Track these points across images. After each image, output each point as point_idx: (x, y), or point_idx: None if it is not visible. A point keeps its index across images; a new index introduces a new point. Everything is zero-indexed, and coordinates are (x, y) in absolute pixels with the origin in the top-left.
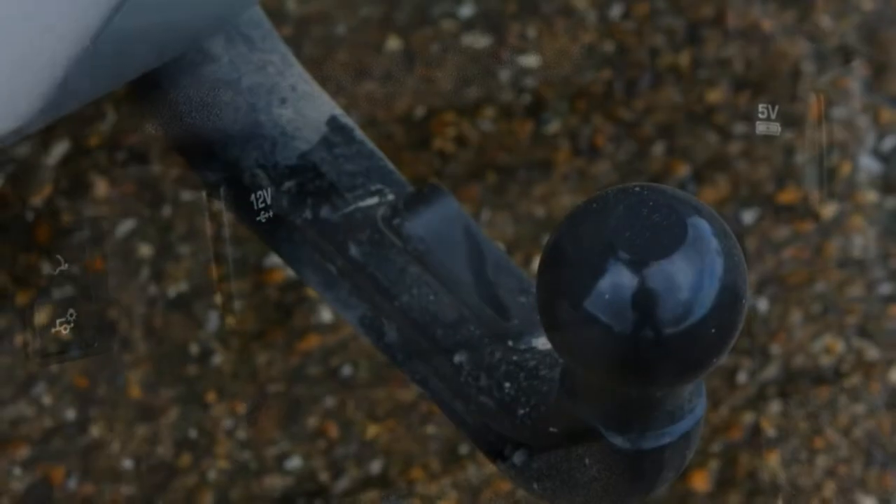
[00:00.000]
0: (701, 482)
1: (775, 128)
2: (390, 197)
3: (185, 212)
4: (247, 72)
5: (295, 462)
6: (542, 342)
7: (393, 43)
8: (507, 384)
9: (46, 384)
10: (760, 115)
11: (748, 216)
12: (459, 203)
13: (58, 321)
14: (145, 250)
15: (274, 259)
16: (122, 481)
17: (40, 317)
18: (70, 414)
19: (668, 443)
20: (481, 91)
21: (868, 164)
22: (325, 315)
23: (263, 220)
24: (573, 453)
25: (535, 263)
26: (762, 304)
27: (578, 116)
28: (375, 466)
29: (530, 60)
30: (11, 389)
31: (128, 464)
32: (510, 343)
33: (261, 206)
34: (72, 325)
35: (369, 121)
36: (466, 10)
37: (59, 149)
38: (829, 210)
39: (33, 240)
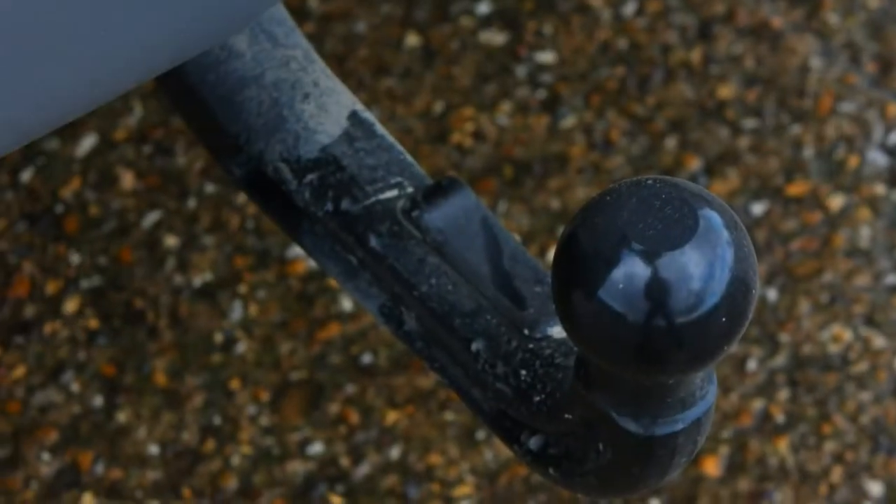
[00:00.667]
0: (712, 467)
1: None
2: (409, 189)
3: (209, 204)
4: (270, 67)
5: (316, 447)
6: (557, 331)
7: (412, 40)
8: (524, 372)
9: (75, 372)
10: None
11: (757, 208)
12: (477, 195)
13: (86, 310)
14: (171, 241)
15: (296, 250)
16: (148, 466)
17: (69, 306)
18: (98, 400)
19: (680, 429)
20: (498, 87)
21: (875, 158)
22: (346, 304)
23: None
24: (588, 439)
25: (551, 254)
26: (771, 294)
27: (593, 112)
28: (395, 452)
29: (546, 57)
30: (41, 377)
31: (154, 449)
32: (526, 332)
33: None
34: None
35: (389, 116)
36: (484, 8)
37: (87, 142)
38: (836, 202)
39: (62, 231)
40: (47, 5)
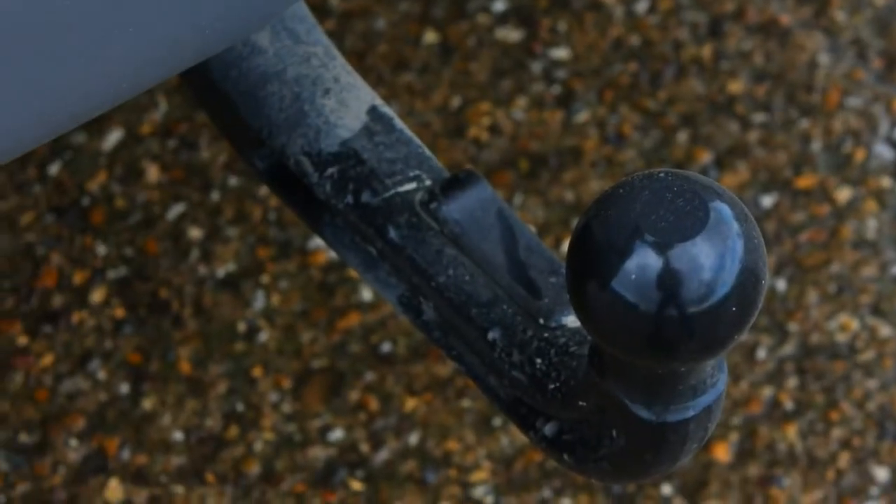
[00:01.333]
0: (722, 453)
1: None
2: (427, 182)
3: (232, 196)
4: (292, 64)
5: (337, 434)
6: (571, 320)
7: (430, 36)
8: (539, 360)
9: (101, 360)
10: None
11: (767, 201)
12: (493, 188)
13: (112, 300)
14: (195, 233)
15: (317, 241)
16: (172, 452)
17: (96, 296)
18: (124, 388)
19: (691, 416)
20: (514, 82)
21: (882, 151)
22: (366, 294)
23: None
24: (601, 426)
25: (565, 245)
26: (780, 284)
27: (606, 106)
28: (413, 438)
29: (561, 53)
30: (68, 364)
31: (178, 435)
32: (541, 321)
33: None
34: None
35: (408, 110)
36: (500, 5)
37: (114, 137)
38: (844, 195)
39: (89, 223)
40: (77, 4)
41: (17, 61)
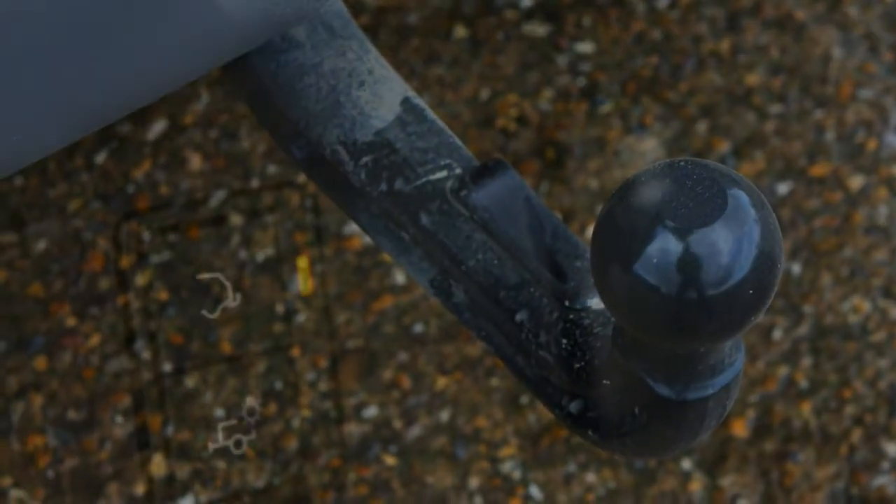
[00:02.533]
0: (740, 429)
1: None
2: (458, 171)
3: (271, 184)
4: (328, 57)
5: (371, 411)
6: (595, 302)
7: (460, 31)
8: (564, 340)
9: (146, 340)
10: None
11: (782, 188)
12: (521, 176)
13: (156, 283)
14: (236, 219)
15: (353, 227)
16: (214, 428)
17: (140, 279)
18: (167, 367)
19: (710, 394)
20: (541, 75)
21: (893, 141)
22: (399, 278)
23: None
24: (624, 403)
25: (590, 231)
26: (795, 268)
27: (629, 98)
28: (444, 415)
29: (585, 47)
30: (114, 345)
31: (219, 412)
32: (567, 303)
33: None
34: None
35: (439, 102)
36: (527, 1)
37: (158, 127)
38: (856, 182)
39: (134, 209)
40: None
41: (76, 56)
